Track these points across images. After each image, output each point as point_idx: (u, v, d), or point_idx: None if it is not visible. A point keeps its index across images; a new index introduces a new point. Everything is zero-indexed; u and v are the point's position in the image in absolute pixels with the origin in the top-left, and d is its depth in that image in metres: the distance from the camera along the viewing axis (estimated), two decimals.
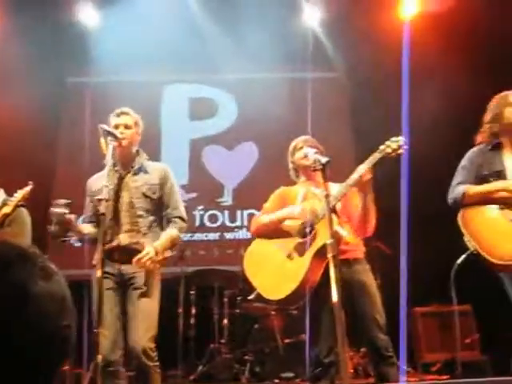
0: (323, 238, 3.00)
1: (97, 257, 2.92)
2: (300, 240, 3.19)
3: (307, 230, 3.16)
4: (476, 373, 5.28)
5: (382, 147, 3.12)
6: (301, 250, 3.15)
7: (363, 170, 3.08)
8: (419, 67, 5.90)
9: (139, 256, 3.14)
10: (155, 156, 3.73)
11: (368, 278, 3.22)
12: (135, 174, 3.43)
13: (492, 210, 3.18)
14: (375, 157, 3.10)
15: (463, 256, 3.25)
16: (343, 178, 3.44)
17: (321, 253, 3.01)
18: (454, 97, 5.90)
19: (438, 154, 5.66)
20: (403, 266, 3.54)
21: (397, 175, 4.40)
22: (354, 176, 3.11)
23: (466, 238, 3.17)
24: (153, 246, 3.21)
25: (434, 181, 4.19)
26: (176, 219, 3.44)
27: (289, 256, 3.19)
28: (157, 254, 3.20)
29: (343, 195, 3.14)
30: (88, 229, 3.36)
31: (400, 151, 3.10)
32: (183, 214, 3.49)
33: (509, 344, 4.56)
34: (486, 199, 3.20)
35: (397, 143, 3.08)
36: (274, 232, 3.30)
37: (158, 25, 6.18)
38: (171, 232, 3.38)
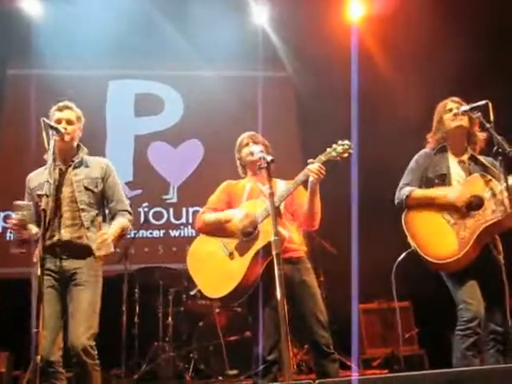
0: (264, 238, 3.09)
1: (37, 253, 2.85)
2: (242, 239, 3.23)
3: (250, 230, 3.21)
4: (414, 366, 5.46)
5: (328, 150, 3.18)
6: (242, 249, 3.21)
7: (306, 171, 3.16)
8: (368, 67, 6.03)
9: (100, 237, 3.12)
10: (100, 151, 3.68)
11: (310, 276, 3.28)
12: (76, 167, 3.37)
13: (433, 213, 3.33)
14: (320, 159, 3.16)
15: (403, 254, 3.39)
16: (289, 175, 3.50)
17: (261, 253, 3.10)
18: (403, 95, 6.05)
19: (387, 155, 5.80)
20: (354, 265, 3.63)
21: (346, 176, 4.48)
22: (300, 177, 3.18)
23: (408, 238, 3.31)
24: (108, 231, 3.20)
25: (382, 181, 4.29)
26: (123, 212, 3.41)
27: (230, 255, 3.24)
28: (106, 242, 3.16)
29: (289, 194, 3.19)
30: (35, 229, 3.26)
31: (345, 155, 3.16)
32: (129, 207, 3.48)
33: (445, 338, 4.73)
34: (426, 203, 3.35)
35: (343, 147, 3.15)
36: (218, 230, 3.34)
37: (105, 18, 6.04)
38: (122, 221, 3.35)
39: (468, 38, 5.71)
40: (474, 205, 3.23)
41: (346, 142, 3.17)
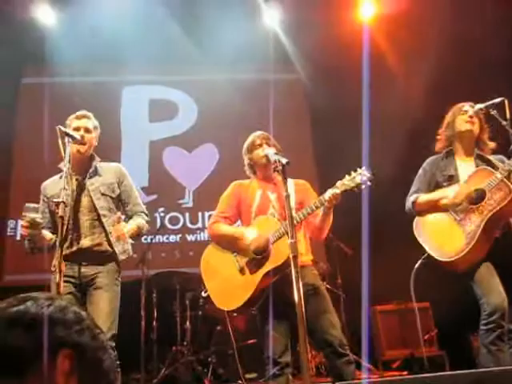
0: (275, 261, 3.09)
1: (55, 261, 2.87)
2: (253, 256, 3.21)
3: (261, 250, 3.20)
4: (435, 367, 5.40)
5: (347, 178, 3.09)
6: (252, 267, 3.20)
7: (324, 201, 3.10)
8: (380, 68, 6.00)
9: (116, 230, 3.18)
10: (115, 158, 3.71)
11: (317, 281, 3.27)
12: (91, 177, 3.41)
13: (439, 214, 3.38)
14: (336, 189, 3.07)
15: (419, 261, 3.39)
16: (303, 177, 3.50)
17: (271, 273, 3.10)
18: (415, 98, 6.02)
19: (397, 157, 5.76)
20: (365, 266, 3.62)
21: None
22: (316, 204, 3.14)
23: (421, 243, 3.35)
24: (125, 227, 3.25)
25: (395, 184, 4.28)
26: (142, 214, 3.48)
27: (241, 270, 3.24)
28: (124, 234, 3.23)
29: (304, 219, 3.17)
30: (49, 235, 3.30)
31: (363, 187, 3.09)
32: (145, 209, 3.54)
33: (465, 339, 4.67)
34: (432, 206, 3.39)
35: (361, 178, 3.05)
36: (229, 244, 3.33)
37: (117, 25, 6.10)
38: (138, 220, 3.42)
39: (482, 38, 5.67)
40: (477, 198, 3.24)
41: (365, 172, 3.06)
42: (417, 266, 3.43)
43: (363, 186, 3.09)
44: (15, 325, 0.96)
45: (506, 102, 3.24)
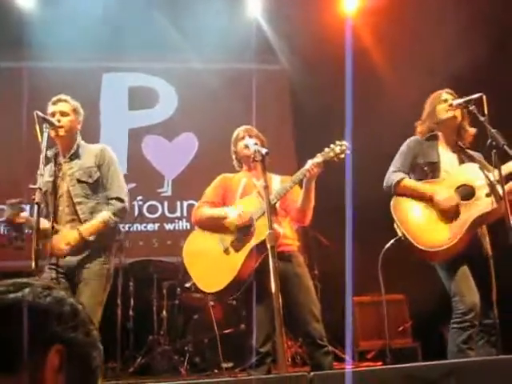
0: (258, 236, 3.12)
1: (33, 247, 2.84)
2: (238, 235, 3.26)
3: (245, 227, 3.23)
4: (408, 358, 5.48)
5: (326, 150, 3.19)
6: (237, 245, 3.25)
7: (305, 171, 3.16)
8: (363, 59, 6.01)
9: (55, 237, 3.09)
10: None
11: (303, 269, 3.31)
12: (71, 159, 3.35)
13: (424, 199, 3.32)
14: (317, 159, 3.17)
15: (391, 241, 3.39)
16: (283, 169, 3.51)
17: (256, 250, 3.14)
18: (398, 88, 6.04)
19: (380, 151, 5.78)
20: (349, 257, 3.65)
21: (341, 169, 4.51)
22: (298, 176, 3.18)
23: (396, 224, 3.32)
24: (77, 230, 3.15)
25: (376, 174, 4.29)
26: (112, 201, 3.32)
27: (225, 251, 3.27)
28: (82, 238, 3.14)
29: (286, 193, 3.20)
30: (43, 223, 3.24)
31: (342, 156, 3.18)
32: (120, 193, 3.36)
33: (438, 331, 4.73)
34: (417, 196, 3.34)
35: (340, 147, 3.18)
36: (213, 226, 3.36)
37: (97, 11, 6.01)
38: (102, 215, 3.25)
39: (466, 32, 5.70)
40: (466, 194, 3.24)
41: (344, 142, 3.20)
42: (387, 246, 3.45)
43: (342, 156, 3.19)
44: (10, 314, 0.93)
45: (484, 97, 3.25)
